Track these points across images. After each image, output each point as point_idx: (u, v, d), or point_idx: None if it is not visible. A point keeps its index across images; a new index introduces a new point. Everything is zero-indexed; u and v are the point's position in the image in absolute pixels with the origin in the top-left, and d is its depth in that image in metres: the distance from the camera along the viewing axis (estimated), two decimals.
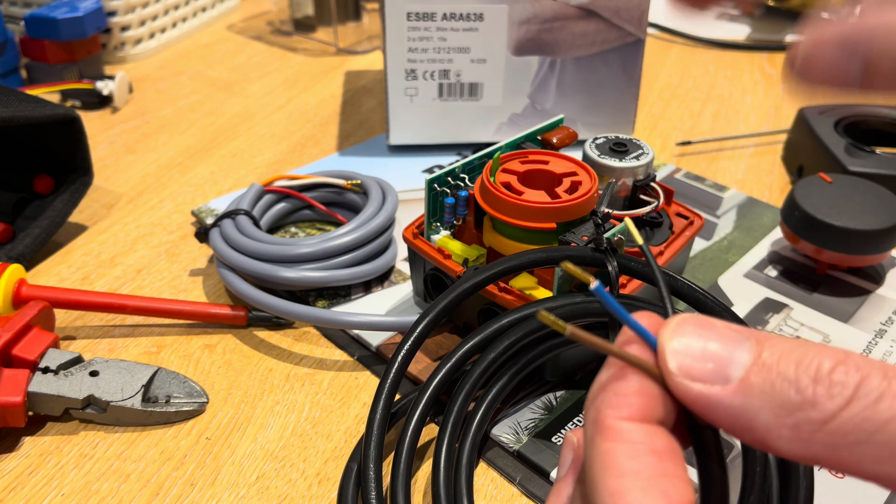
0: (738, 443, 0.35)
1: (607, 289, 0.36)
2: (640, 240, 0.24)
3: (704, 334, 0.18)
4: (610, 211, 0.38)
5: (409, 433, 0.32)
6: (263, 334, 0.42)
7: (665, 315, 0.21)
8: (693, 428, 0.19)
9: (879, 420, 0.16)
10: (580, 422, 0.36)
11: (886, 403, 0.16)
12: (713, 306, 0.33)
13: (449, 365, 0.33)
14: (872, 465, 0.16)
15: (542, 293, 0.36)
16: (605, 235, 0.34)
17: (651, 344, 0.19)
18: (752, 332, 0.18)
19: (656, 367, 0.18)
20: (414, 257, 0.42)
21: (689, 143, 0.62)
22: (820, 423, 0.16)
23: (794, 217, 0.45)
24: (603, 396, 0.19)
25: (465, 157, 0.41)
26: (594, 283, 0.18)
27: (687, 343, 0.18)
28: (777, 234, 0.50)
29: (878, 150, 0.53)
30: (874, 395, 0.16)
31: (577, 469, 0.22)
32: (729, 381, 0.17)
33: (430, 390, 0.33)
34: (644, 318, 0.19)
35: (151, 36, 0.78)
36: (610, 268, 0.33)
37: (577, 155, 0.41)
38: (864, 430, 0.16)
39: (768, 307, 0.44)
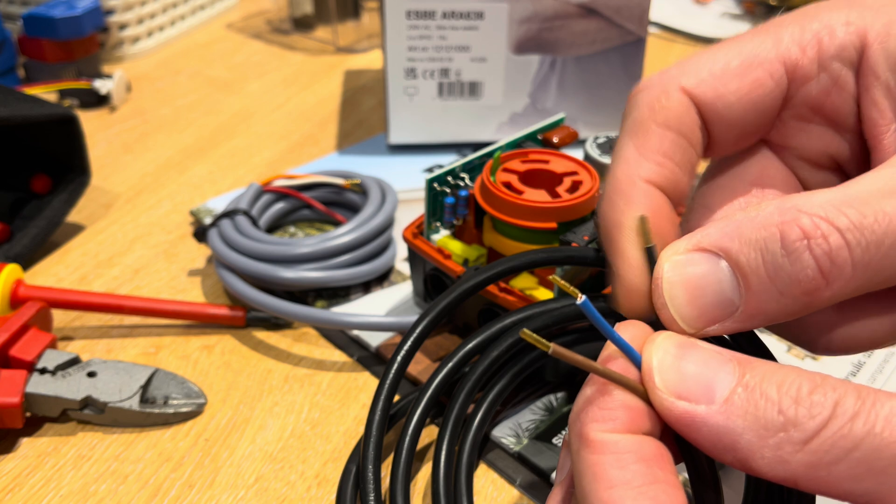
0: None
1: (607, 290, 0.36)
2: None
3: (689, 354, 0.19)
4: None
5: (408, 434, 0.31)
6: (262, 335, 0.42)
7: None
8: (686, 452, 0.19)
9: (855, 438, 0.16)
10: None
11: (861, 421, 0.16)
12: None
13: (449, 366, 0.33)
14: (850, 483, 0.16)
15: (543, 293, 0.36)
16: None
17: (635, 361, 0.19)
18: (733, 355, 0.19)
19: (640, 384, 0.18)
20: (414, 257, 0.41)
21: None
22: (801, 442, 0.17)
23: None
24: (588, 411, 0.19)
25: (465, 156, 0.41)
26: (581, 298, 0.18)
27: (672, 362, 0.18)
28: None
29: None
30: (849, 413, 0.17)
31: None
32: (713, 401, 0.18)
33: (430, 391, 0.32)
34: (629, 328, 0.19)
35: (149, 35, 0.78)
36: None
37: (577, 154, 0.41)
38: (841, 447, 0.16)
39: None
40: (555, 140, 0.43)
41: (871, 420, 0.16)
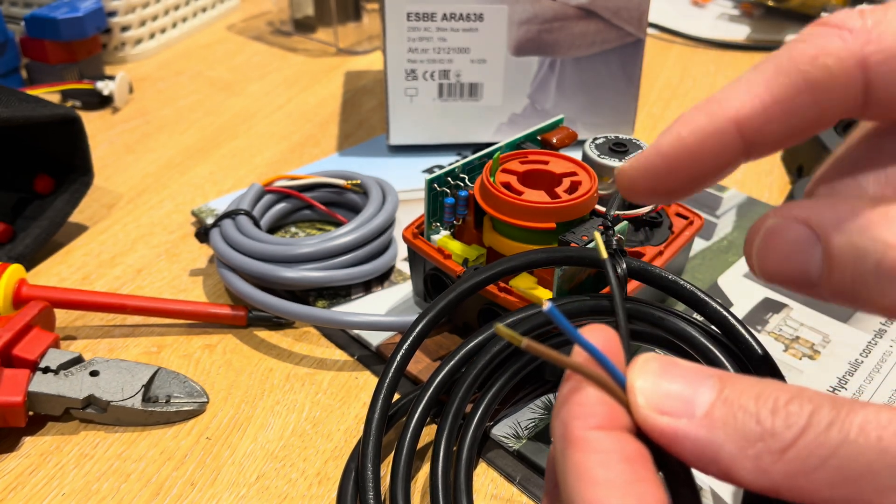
0: None
1: (606, 290, 0.36)
2: (604, 254, 0.24)
3: (669, 373, 0.19)
4: (620, 213, 0.38)
5: (409, 433, 0.32)
6: (263, 334, 0.42)
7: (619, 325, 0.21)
8: (656, 452, 0.19)
9: (831, 445, 0.17)
10: None
11: (836, 430, 0.17)
12: (713, 307, 0.33)
13: (450, 365, 0.33)
14: (829, 490, 0.17)
15: (543, 293, 0.36)
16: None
17: (605, 365, 0.19)
18: (714, 371, 0.19)
19: (610, 380, 0.19)
20: (414, 257, 0.42)
21: None
22: (779, 452, 0.17)
23: None
24: (567, 409, 0.19)
25: (465, 157, 0.41)
26: (546, 305, 0.18)
27: (653, 381, 0.19)
28: None
29: None
30: (825, 423, 0.17)
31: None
32: (694, 415, 0.18)
33: (430, 390, 0.33)
34: (596, 333, 0.20)
35: (152, 36, 0.78)
36: (619, 269, 0.33)
37: (576, 155, 0.41)
38: (818, 456, 0.17)
39: (768, 307, 0.44)
40: (554, 141, 0.43)
41: (845, 428, 0.17)
